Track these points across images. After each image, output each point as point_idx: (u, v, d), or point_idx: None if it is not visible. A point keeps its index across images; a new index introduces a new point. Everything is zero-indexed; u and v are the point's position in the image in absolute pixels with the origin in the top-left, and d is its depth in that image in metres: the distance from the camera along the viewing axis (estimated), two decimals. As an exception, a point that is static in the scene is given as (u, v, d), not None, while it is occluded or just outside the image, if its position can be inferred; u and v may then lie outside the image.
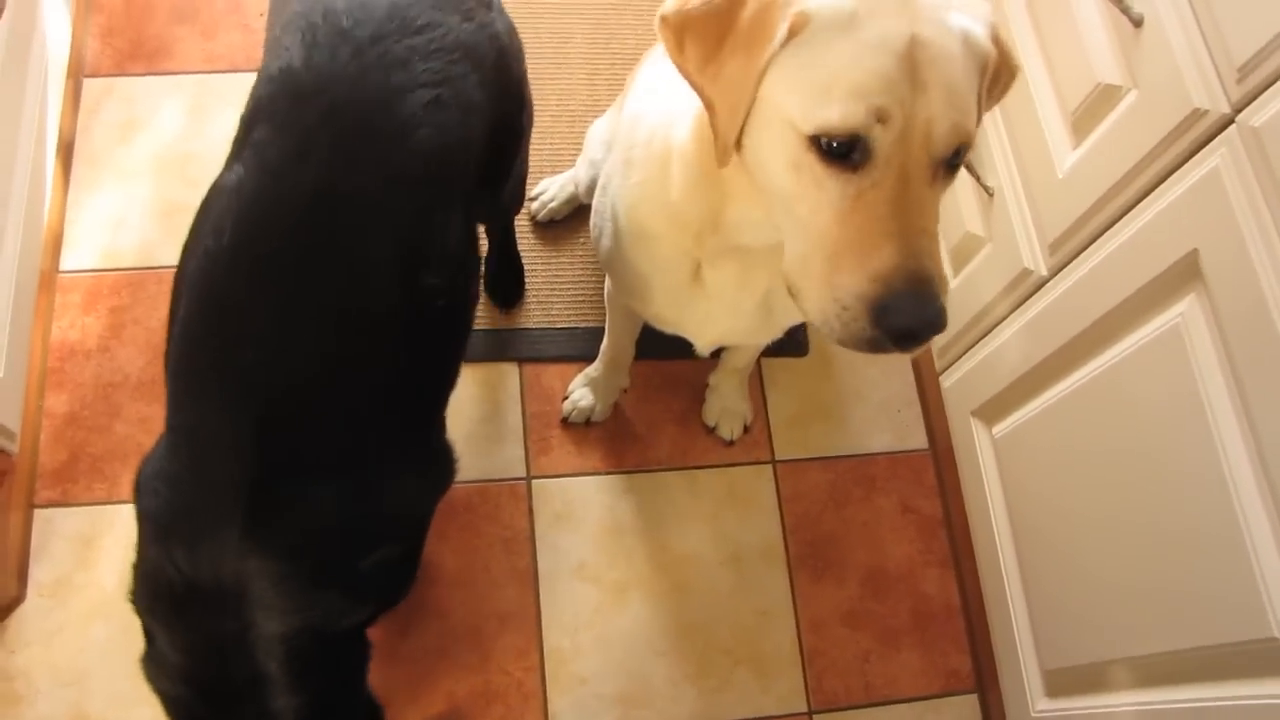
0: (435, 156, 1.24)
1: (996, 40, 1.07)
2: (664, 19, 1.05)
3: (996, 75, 1.10)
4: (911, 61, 0.95)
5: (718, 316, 1.46)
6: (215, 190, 1.21)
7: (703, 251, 1.31)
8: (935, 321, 0.97)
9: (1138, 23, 1.36)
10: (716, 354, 1.98)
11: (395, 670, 1.87)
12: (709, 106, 1.06)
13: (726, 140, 1.04)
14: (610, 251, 1.47)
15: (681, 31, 1.04)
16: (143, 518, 1.14)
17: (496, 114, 1.40)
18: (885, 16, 0.96)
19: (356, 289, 1.17)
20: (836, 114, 0.95)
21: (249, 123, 1.23)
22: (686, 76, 1.07)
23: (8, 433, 1.78)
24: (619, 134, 1.39)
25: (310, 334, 1.14)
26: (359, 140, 1.18)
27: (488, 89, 1.34)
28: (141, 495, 1.14)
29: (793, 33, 0.97)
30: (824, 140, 0.97)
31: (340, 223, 1.16)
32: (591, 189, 1.72)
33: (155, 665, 1.17)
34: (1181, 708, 1.38)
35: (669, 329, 1.56)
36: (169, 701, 1.17)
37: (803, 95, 0.98)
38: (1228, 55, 1.23)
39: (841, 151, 0.96)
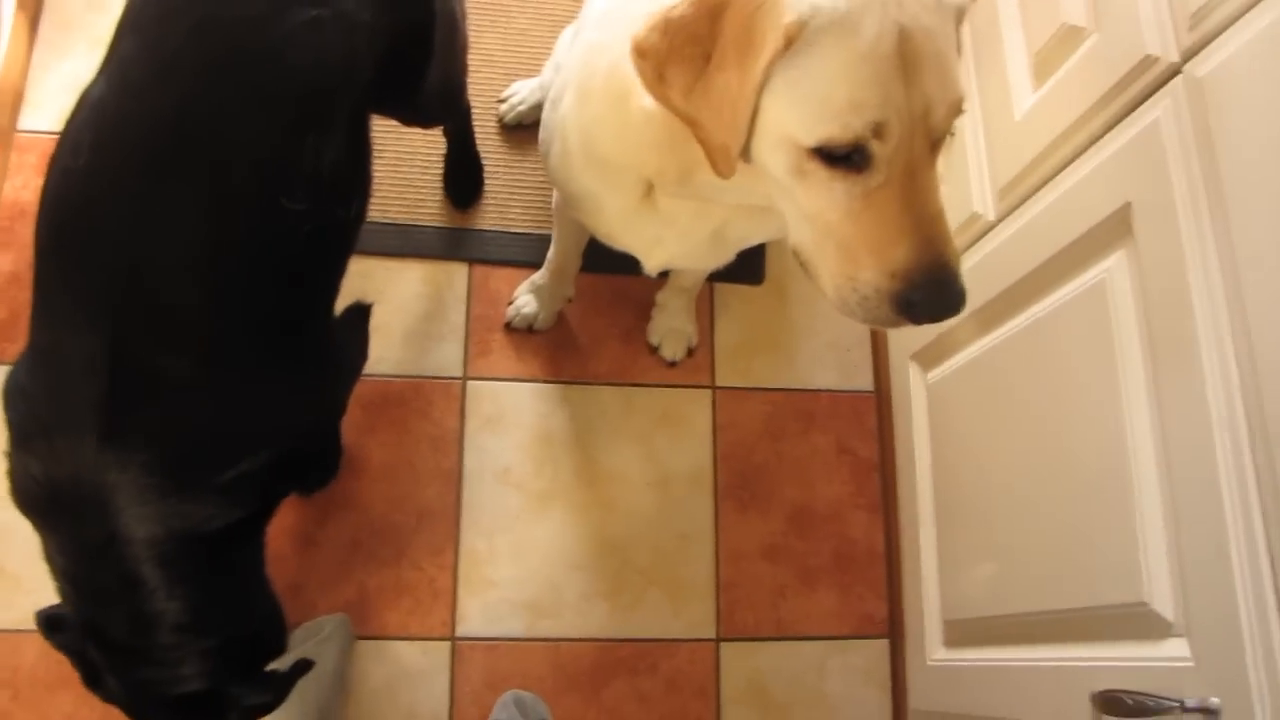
0: (310, 78, 1.19)
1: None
2: (641, 52, 1.01)
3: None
4: (902, 57, 0.94)
5: (668, 240, 1.43)
6: (80, 102, 1.16)
7: (660, 186, 1.27)
8: (956, 306, 1.00)
9: (1104, -39, 1.30)
10: (666, 273, 1.95)
11: (310, 557, 1.87)
12: (694, 125, 1.03)
13: (728, 154, 1.02)
14: (559, 169, 1.42)
15: (664, 64, 1.00)
16: (8, 426, 1.14)
17: (393, 29, 1.33)
18: (871, 13, 0.94)
19: (216, 212, 1.13)
20: (836, 128, 0.95)
21: (120, 31, 1.19)
22: (667, 104, 1.03)
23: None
24: (573, 56, 1.33)
25: (164, 252, 1.11)
26: (226, 60, 1.14)
27: (377, 5, 1.27)
28: (7, 406, 1.14)
29: (788, 42, 0.94)
30: (825, 150, 0.96)
31: (199, 141, 1.12)
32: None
33: (47, 559, 1.18)
34: (1060, 665, 1.37)
35: (617, 246, 1.53)
36: (60, 595, 1.19)
37: (800, 109, 0.97)
38: (1185, 0, 1.17)
39: (844, 155, 0.97)
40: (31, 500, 1.14)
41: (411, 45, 1.43)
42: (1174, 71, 1.19)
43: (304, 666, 1.33)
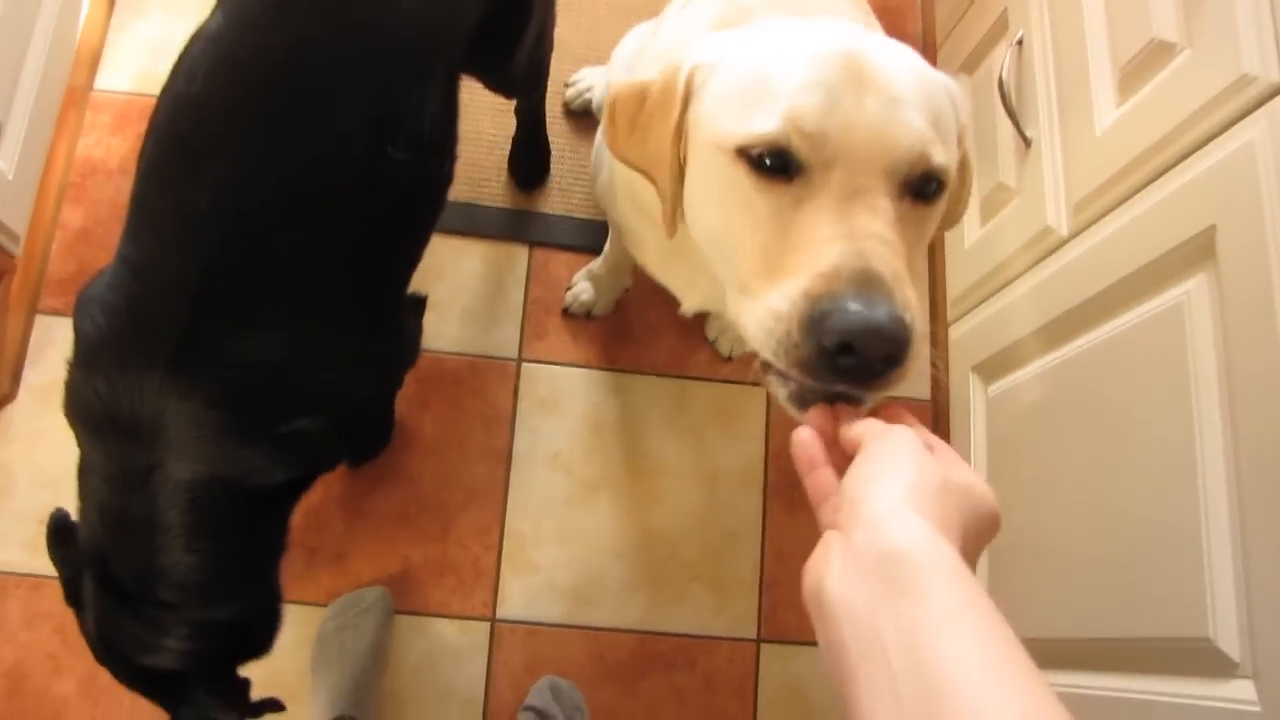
0: (420, 27, 1.19)
1: (965, 133, 1.00)
2: (608, 101, 1.06)
3: (961, 168, 1.00)
4: (853, 64, 0.86)
5: (701, 284, 1.40)
6: (195, 36, 1.17)
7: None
8: (884, 327, 0.76)
9: (1203, -24, 1.26)
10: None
11: (356, 526, 1.89)
12: (646, 175, 1.04)
13: (669, 208, 0.99)
14: (604, 197, 1.43)
15: (613, 107, 1.04)
16: (76, 338, 1.14)
17: None
18: (820, 33, 0.91)
19: (319, 151, 1.13)
20: (758, 123, 0.86)
21: None
22: (615, 149, 1.06)
23: (10, 234, 1.79)
24: (615, 77, 1.34)
25: (267, 189, 1.11)
26: (341, 3, 1.14)
27: None
28: (79, 315, 1.14)
29: (688, 90, 0.95)
30: (752, 152, 0.87)
31: (312, 82, 1.12)
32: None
33: (80, 475, 1.18)
34: (1117, 696, 1.34)
35: (656, 280, 1.50)
36: (80, 514, 1.19)
37: (726, 116, 0.91)
38: (1288, 20, 1.14)
39: (776, 164, 0.86)
40: (87, 414, 1.12)
41: (514, 6, 1.44)
42: (1274, 92, 1.15)
43: (275, 705, 1.31)
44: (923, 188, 0.88)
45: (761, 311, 0.82)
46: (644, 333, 2.06)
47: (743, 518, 1.99)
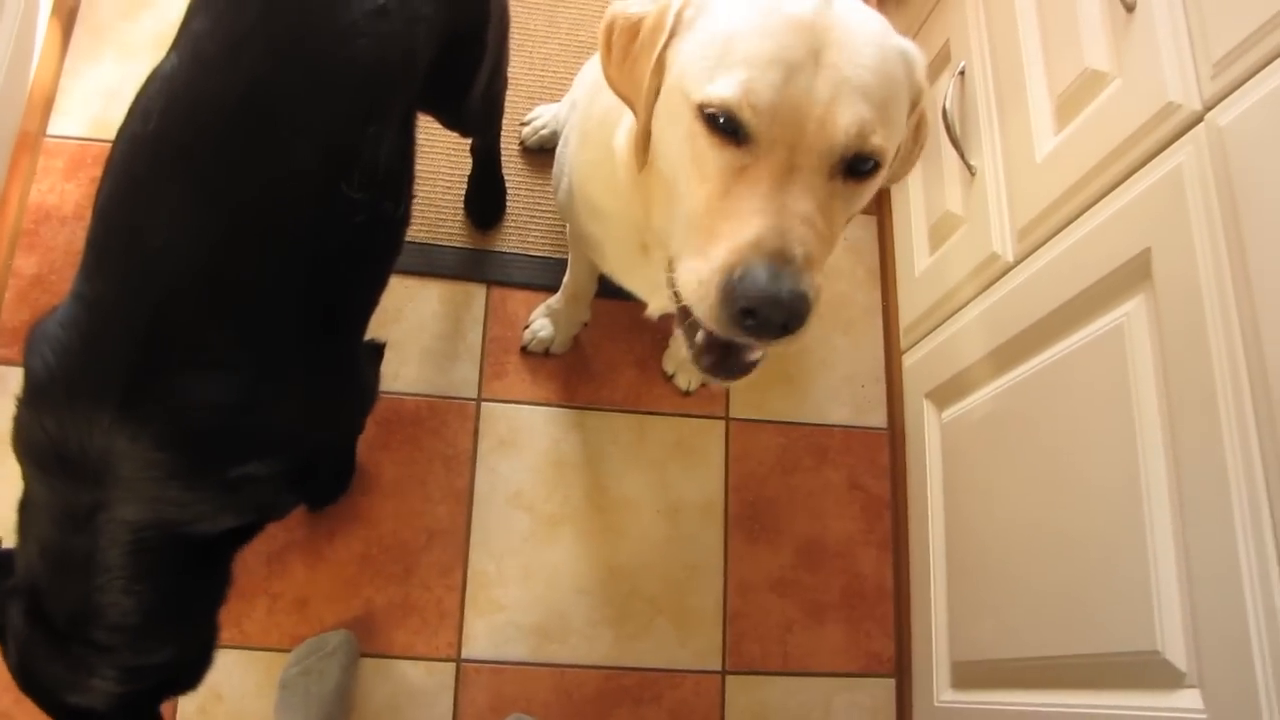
0: (373, 67, 1.20)
1: (921, 96, 1.06)
2: (604, 25, 1.09)
3: (919, 125, 1.10)
4: (815, 39, 0.93)
5: (664, 285, 1.43)
6: (151, 76, 1.18)
7: (646, 234, 1.28)
8: (785, 302, 0.90)
9: (1130, 7, 1.31)
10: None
11: (318, 569, 1.87)
12: (630, 105, 1.08)
13: (640, 136, 1.05)
14: (565, 206, 1.47)
15: (609, 39, 1.08)
16: (26, 374, 1.13)
17: (453, 28, 1.36)
18: (796, 12, 0.95)
19: (273, 190, 1.14)
20: (718, 87, 0.94)
21: (192, 8, 1.21)
22: (609, 76, 1.10)
23: (-35, 280, 1.78)
24: (579, 97, 1.36)
25: (221, 228, 1.12)
26: (295, 41, 1.15)
27: (443, 3, 1.30)
28: (29, 353, 1.13)
29: (678, 20, 1.00)
30: (709, 111, 0.94)
31: (266, 121, 1.13)
32: (572, 129, 1.70)
33: (22, 509, 1.17)
34: (1070, 712, 1.36)
35: (622, 286, 1.53)
36: (19, 547, 1.18)
37: (693, 69, 0.98)
38: (1207, 48, 1.18)
39: (728, 127, 0.94)
40: (34, 451, 1.11)
41: (467, 43, 1.46)
42: (1196, 119, 1.19)
43: None
44: (858, 166, 0.96)
45: (693, 273, 0.95)
46: (602, 369, 2.07)
47: (704, 550, 1.99)
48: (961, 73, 1.75)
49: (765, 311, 0.90)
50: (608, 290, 1.92)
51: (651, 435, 2.04)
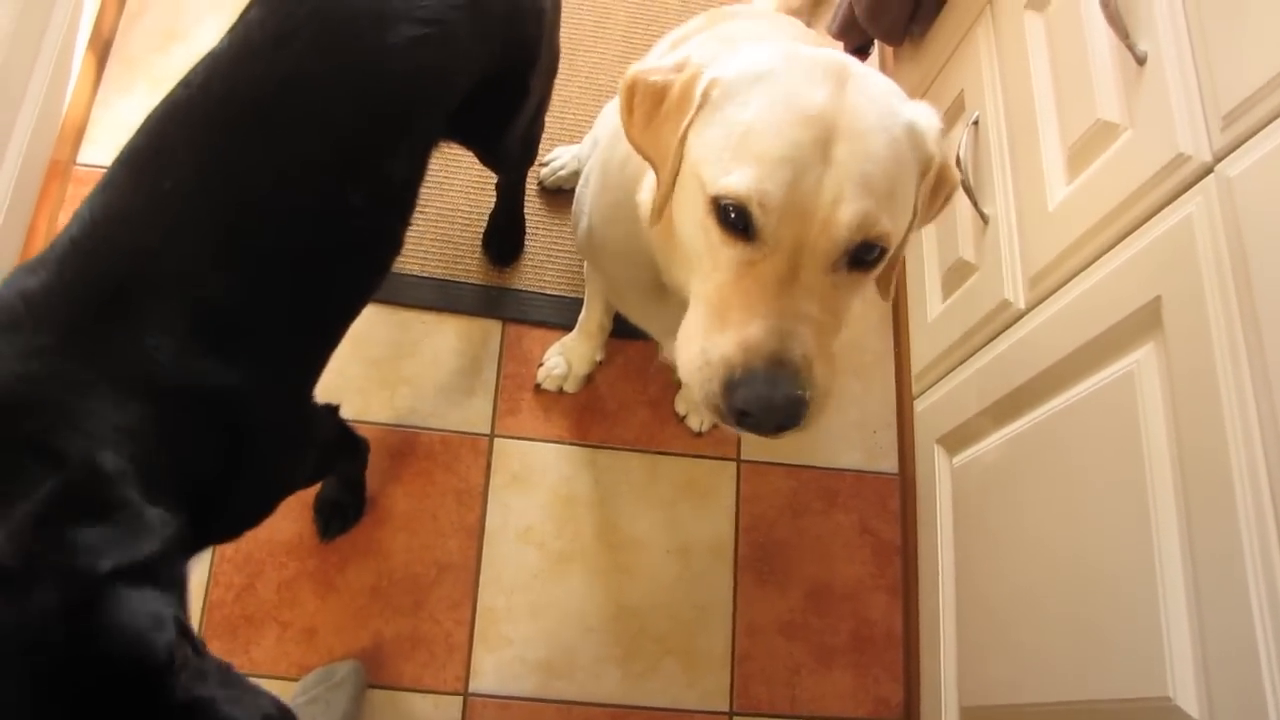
0: (406, 88, 1.26)
1: (941, 148, 1.08)
2: (626, 85, 1.10)
3: (938, 185, 1.11)
4: (825, 132, 0.95)
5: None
6: (204, 57, 1.25)
7: (665, 278, 1.29)
8: (780, 407, 0.94)
9: (1141, 60, 1.33)
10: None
11: (328, 600, 1.88)
12: (653, 165, 1.10)
13: (660, 202, 1.07)
14: (584, 245, 1.49)
15: (631, 99, 1.09)
16: None
17: (494, 66, 1.41)
18: (808, 85, 0.97)
19: (287, 176, 1.19)
20: (732, 180, 0.96)
21: (250, 2, 1.28)
22: (631, 137, 1.11)
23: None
24: (601, 135, 1.39)
25: (232, 196, 1.16)
26: (336, 48, 1.22)
27: (488, 41, 1.36)
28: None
29: (704, 99, 1.01)
30: (722, 204, 0.97)
31: (291, 114, 1.19)
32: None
33: None
34: (1079, 762, 1.35)
35: (638, 326, 1.55)
36: None
37: (711, 156, 1.00)
38: (1217, 101, 1.20)
39: (739, 223, 0.97)
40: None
41: (510, 83, 1.51)
42: (1206, 170, 1.21)
43: None
44: (863, 255, 0.99)
45: (698, 355, 0.98)
46: (615, 408, 2.09)
47: (713, 591, 2.00)
48: (975, 123, 1.78)
49: (761, 416, 0.95)
50: (622, 330, 1.94)
51: (663, 475, 2.05)
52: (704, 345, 0.98)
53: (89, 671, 0.85)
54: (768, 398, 0.93)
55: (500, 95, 1.51)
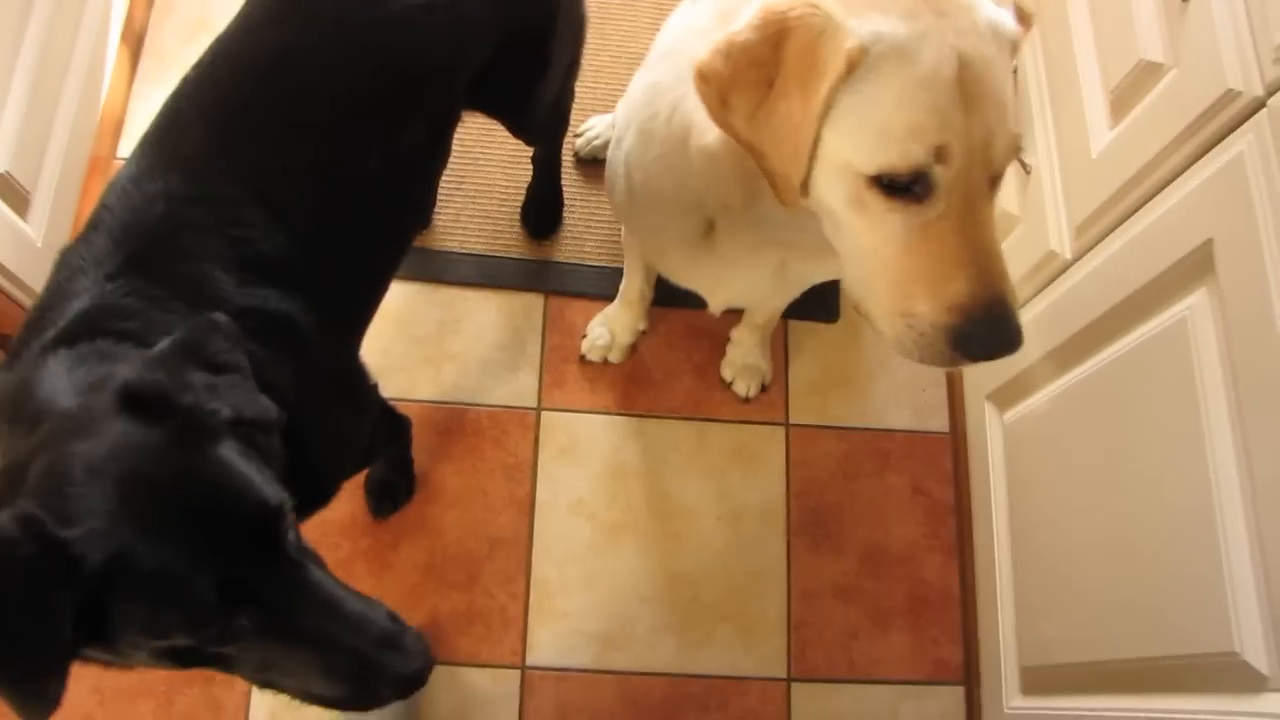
0: (411, 56, 1.28)
1: (1015, 3, 1.06)
2: (704, 77, 1.02)
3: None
4: (961, 86, 0.94)
5: (729, 279, 1.44)
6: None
7: (724, 220, 1.28)
8: (1013, 342, 1.00)
9: (1186, -4, 1.28)
10: (739, 310, 1.95)
11: (383, 578, 1.90)
12: (756, 153, 1.04)
13: (790, 182, 1.02)
14: (624, 206, 1.46)
15: (727, 89, 1.01)
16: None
17: (510, 35, 1.39)
18: (930, 41, 0.94)
19: (292, 139, 1.21)
20: (896, 154, 0.95)
21: None
22: (730, 130, 1.04)
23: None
24: (636, 94, 1.35)
25: (237, 159, 1.19)
26: (337, 19, 1.24)
27: (498, 9, 1.35)
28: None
29: (850, 68, 0.94)
30: (885, 179, 0.96)
31: (292, 83, 1.22)
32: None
33: None
34: (1144, 717, 1.33)
35: (682, 285, 1.54)
36: None
37: (860, 136, 0.97)
38: (1268, 33, 1.16)
39: (903, 185, 0.96)
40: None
41: (528, 52, 1.50)
42: (1258, 105, 1.17)
43: None
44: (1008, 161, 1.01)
45: (899, 326, 1.01)
46: (661, 376, 2.08)
47: (766, 557, 1.99)
48: (1014, 72, 1.73)
49: (993, 354, 1.00)
50: (665, 298, 1.94)
51: (711, 442, 2.04)
52: (905, 316, 1.00)
53: (218, 501, 0.89)
54: (999, 339, 0.99)
55: (519, 64, 1.50)
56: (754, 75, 0.99)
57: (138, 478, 0.86)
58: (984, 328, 0.97)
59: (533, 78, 1.56)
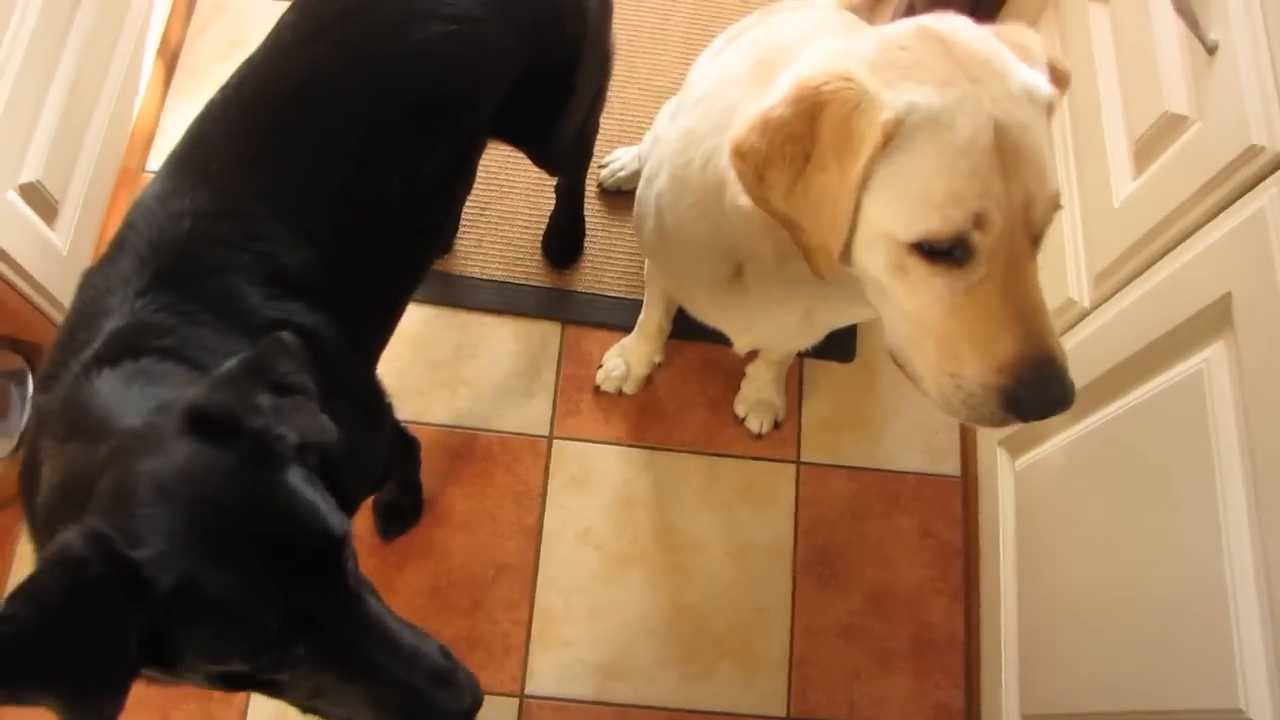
0: (432, 84, 1.30)
1: (1050, 64, 1.06)
2: (740, 154, 1.03)
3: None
4: (999, 152, 0.95)
5: (757, 322, 1.45)
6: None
7: (752, 273, 1.29)
8: (1066, 400, 0.99)
9: (1211, 50, 1.29)
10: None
11: (387, 599, 1.87)
12: (793, 228, 1.04)
13: (829, 253, 1.02)
14: (653, 246, 1.46)
15: (764, 165, 1.02)
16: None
17: (534, 66, 1.41)
18: (965, 109, 0.95)
19: (314, 161, 1.23)
20: (937, 222, 0.95)
21: (289, 7, 1.33)
22: (767, 207, 1.05)
23: (66, 309, 1.86)
24: (671, 137, 1.35)
25: (260, 176, 1.20)
26: (363, 44, 1.26)
27: (522, 40, 1.37)
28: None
29: (886, 139, 0.95)
30: (925, 245, 0.97)
31: (318, 107, 1.24)
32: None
33: None
34: (1146, 773, 1.31)
35: (708, 324, 1.55)
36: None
37: (899, 205, 0.97)
38: (1291, 91, 1.16)
39: (944, 250, 0.97)
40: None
41: (552, 82, 1.52)
42: (1280, 163, 1.17)
43: None
44: (1049, 221, 1.01)
45: (948, 386, 1.01)
46: (674, 410, 2.08)
47: (772, 594, 1.98)
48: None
49: (1044, 413, 1.00)
50: (681, 331, 1.95)
51: (722, 477, 2.04)
52: (953, 376, 1.00)
53: (284, 528, 0.89)
54: (1052, 398, 0.98)
55: (543, 95, 1.52)
56: (790, 150, 1.00)
57: (206, 501, 0.87)
58: (1035, 388, 0.97)
59: (556, 108, 1.58)
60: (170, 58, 2.24)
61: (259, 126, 1.23)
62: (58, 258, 1.80)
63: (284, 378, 0.97)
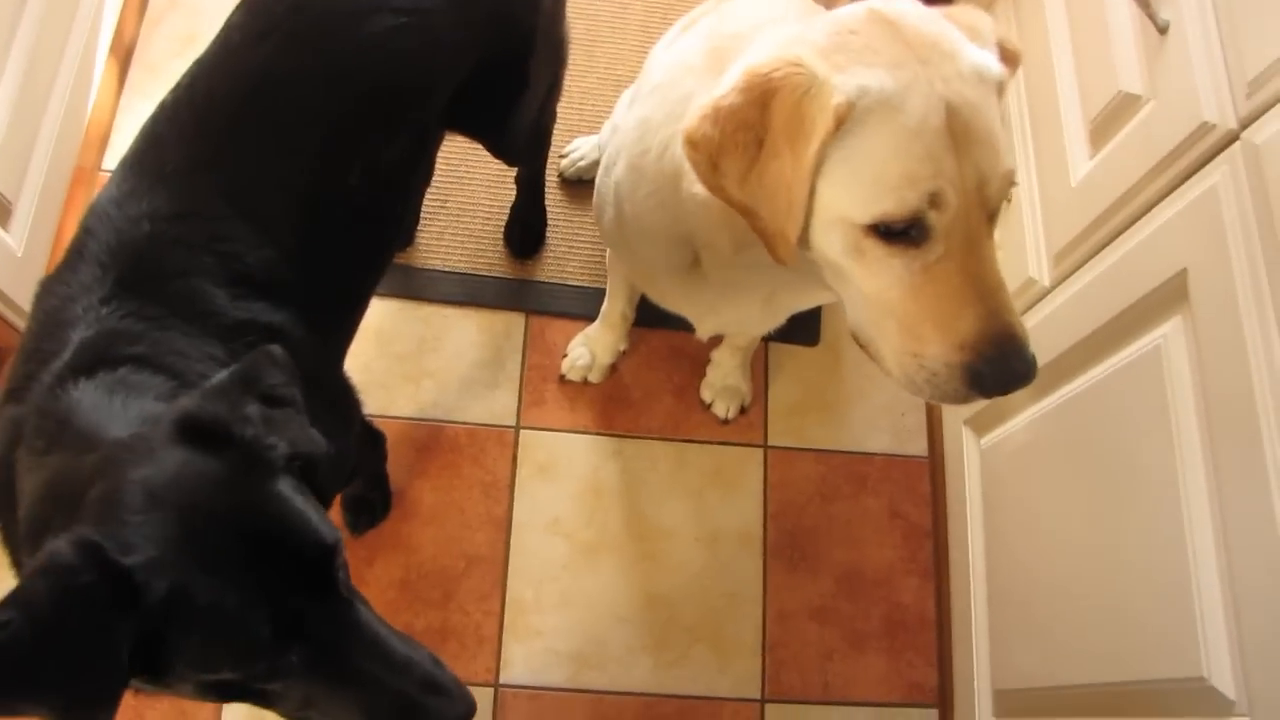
0: (385, 77, 1.29)
1: (1000, 44, 1.06)
2: (693, 143, 1.03)
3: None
4: (951, 132, 0.95)
5: (719, 307, 1.45)
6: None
7: (710, 260, 1.29)
8: (1028, 375, 1.00)
9: (1163, 30, 1.31)
10: (721, 334, 1.96)
11: (358, 595, 1.89)
12: (749, 215, 1.04)
13: (786, 239, 1.02)
14: (612, 235, 1.46)
15: (717, 154, 1.02)
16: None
17: (488, 55, 1.41)
18: (916, 90, 0.95)
19: (271, 157, 1.23)
20: (891, 203, 0.96)
21: (235, 8, 1.31)
22: (723, 195, 1.05)
23: (20, 310, 1.83)
24: (628, 126, 1.35)
25: (216, 176, 1.19)
26: (311, 43, 1.25)
27: (473, 30, 1.36)
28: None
29: (838, 123, 0.95)
30: (881, 227, 0.97)
31: (272, 105, 1.23)
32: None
33: None
34: (1115, 743, 1.33)
35: (670, 310, 1.55)
36: None
37: (854, 188, 0.98)
38: (1242, 68, 1.18)
39: (900, 231, 0.97)
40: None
41: (505, 73, 1.51)
42: (1231, 138, 1.19)
43: None
44: (1004, 198, 1.02)
45: (910, 366, 1.02)
46: (640, 397, 2.08)
47: (742, 578, 1.99)
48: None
49: (1007, 387, 1.01)
50: (646, 318, 1.95)
51: (690, 463, 2.05)
52: (916, 356, 1.01)
53: (276, 536, 0.89)
54: (1014, 373, 0.99)
55: (497, 85, 1.51)
56: (743, 137, 1.00)
57: (198, 509, 0.86)
58: (997, 363, 0.98)
59: (511, 98, 1.57)
60: (124, 54, 2.20)
61: (213, 126, 1.22)
62: (13, 259, 1.77)
63: (273, 390, 0.96)
